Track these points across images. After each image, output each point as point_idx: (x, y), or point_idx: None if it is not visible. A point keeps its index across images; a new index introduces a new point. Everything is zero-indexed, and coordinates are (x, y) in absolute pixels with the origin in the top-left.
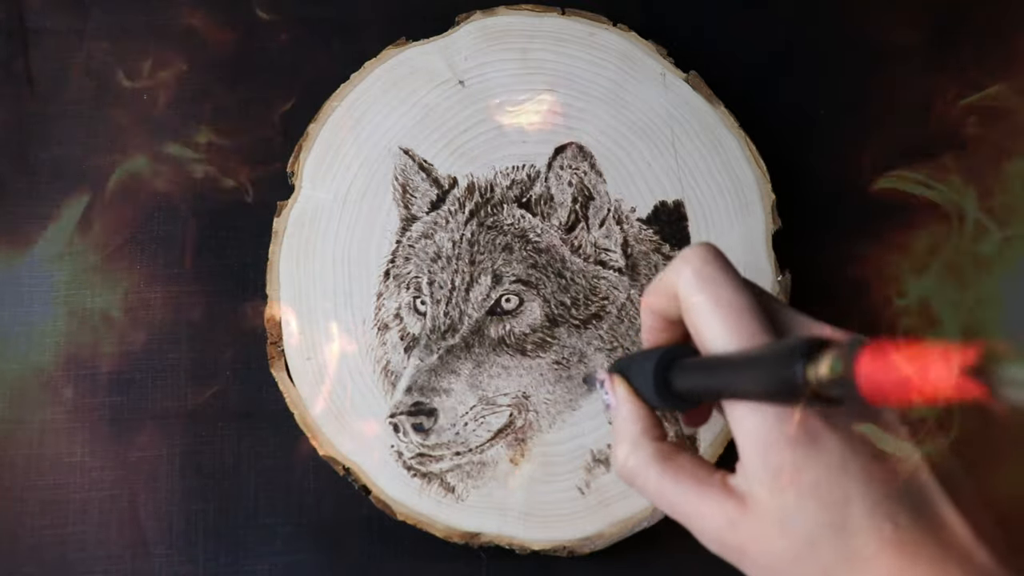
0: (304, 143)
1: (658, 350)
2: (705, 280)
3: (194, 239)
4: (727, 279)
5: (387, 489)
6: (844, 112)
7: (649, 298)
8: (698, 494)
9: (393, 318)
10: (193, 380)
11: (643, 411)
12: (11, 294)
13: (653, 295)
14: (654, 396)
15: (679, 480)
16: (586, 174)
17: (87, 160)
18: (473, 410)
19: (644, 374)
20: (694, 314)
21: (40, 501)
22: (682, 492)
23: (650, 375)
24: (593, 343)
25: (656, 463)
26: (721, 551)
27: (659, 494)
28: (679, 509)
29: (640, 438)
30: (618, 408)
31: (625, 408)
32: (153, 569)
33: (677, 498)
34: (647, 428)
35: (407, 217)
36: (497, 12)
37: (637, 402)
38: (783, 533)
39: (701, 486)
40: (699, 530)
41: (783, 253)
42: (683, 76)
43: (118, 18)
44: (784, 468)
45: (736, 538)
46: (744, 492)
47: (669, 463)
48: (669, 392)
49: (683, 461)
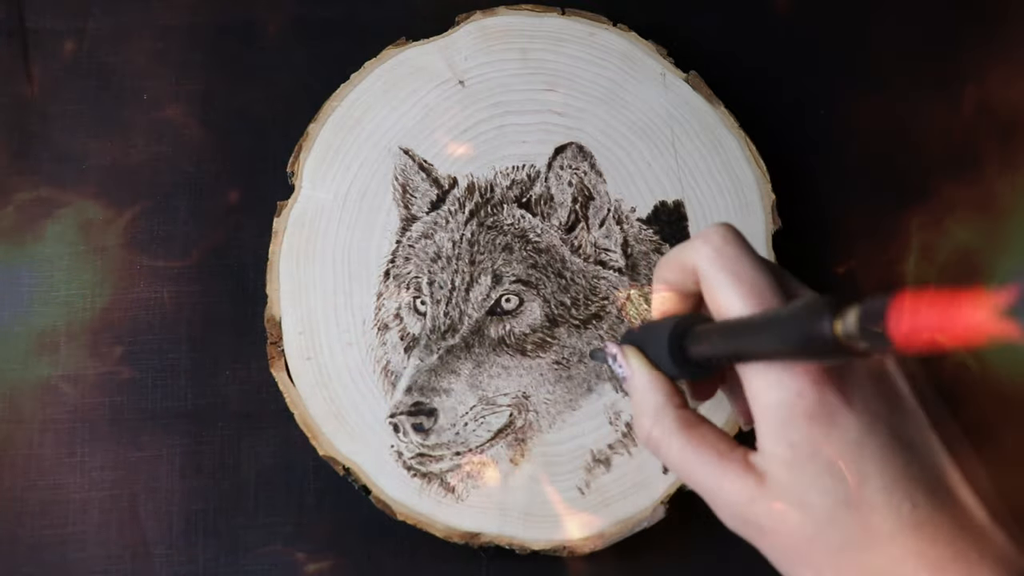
0: (304, 143)
1: (672, 318)
2: (726, 258)
3: (194, 239)
4: (748, 258)
5: (387, 489)
6: (844, 112)
7: (663, 270)
8: (720, 467)
9: (393, 318)
10: (193, 380)
11: (662, 380)
12: (11, 294)
13: (668, 269)
14: (669, 364)
15: (702, 451)
16: (586, 174)
17: (87, 160)
18: (473, 410)
19: (658, 342)
20: (714, 291)
21: (40, 501)
22: (704, 464)
23: (664, 343)
24: (593, 343)
25: (680, 432)
26: (738, 527)
27: (682, 464)
28: (700, 481)
29: (663, 407)
30: (634, 379)
31: (642, 378)
32: (153, 569)
33: (699, 469)
34: (669, 396)
35: (407, 217)
36: (497, 12)
37: (654, 371)
38: (800, 510)
39: (723, 460)
40: (718, 504)
41: (783, 253)
42: (683, 76)
43: (118, 18)
44: (802, 445)
45: (754, 514)
46: (764, 469)
47: (694, 432)
48: (685, 359)
49: (706, 431)
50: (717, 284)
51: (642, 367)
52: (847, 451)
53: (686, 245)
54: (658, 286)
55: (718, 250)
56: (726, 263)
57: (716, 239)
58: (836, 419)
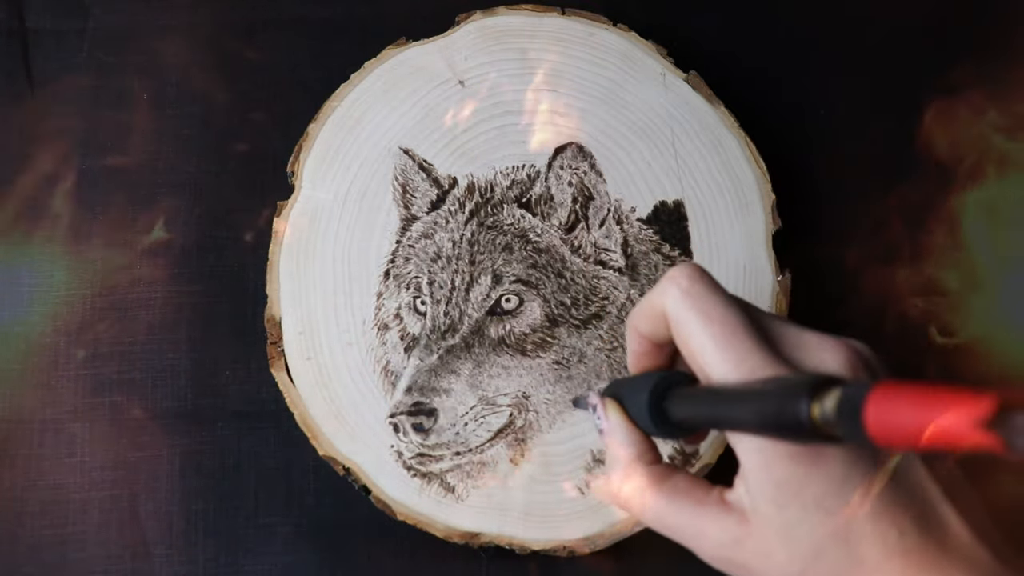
0: (304, 143)
1: (651, 377)
2: (694, 298)
3: (194, 239)
4: (715, 296)
5: (387, 489)
6: (844, 112)
7: (635, 320)
8: (697, 514)
9: (393, 318)
10: (193, 380)
11: (636, 436)
12: (11, 294)
13: (640, 318)
14: (650, 425)
15: (675, 502)
16: (586, 174)
17: (87, 160)
18: (473, 410)
19: (638, 401)
20: (685, 333)
21: (40, 501)
22: (680, 514)
23: (644, 403)
24: (593, 343)
25: (651, 488)
26: (725, 568)
27: (657, 518)
28: (679, 531)
29: (633, 464)
30: (611, 434)
31: (618, 434)
32: (153, 569)
33: (676, 520)
34: (640, 453)
35: (407, 217)
36: (497, 12)
37: (630, 427)
38: (788, 546)
39: (699, 506)
40: (701, 549)
41: (783, 253)
42: (683, 76)
43: (118, 18)
44: (788, 482)
45: (740, 555)
46: (745, 507)
47: (663, 486)
48: (665, 422)
49: (678, 481)
50: (687, 326)
51: (619, 422)
52: (833, 486)
53: (654, 290)
54: (631, 338)
55: (685, 291)
56: (694, 303)
57: (683, 280)
58: (820, 455)
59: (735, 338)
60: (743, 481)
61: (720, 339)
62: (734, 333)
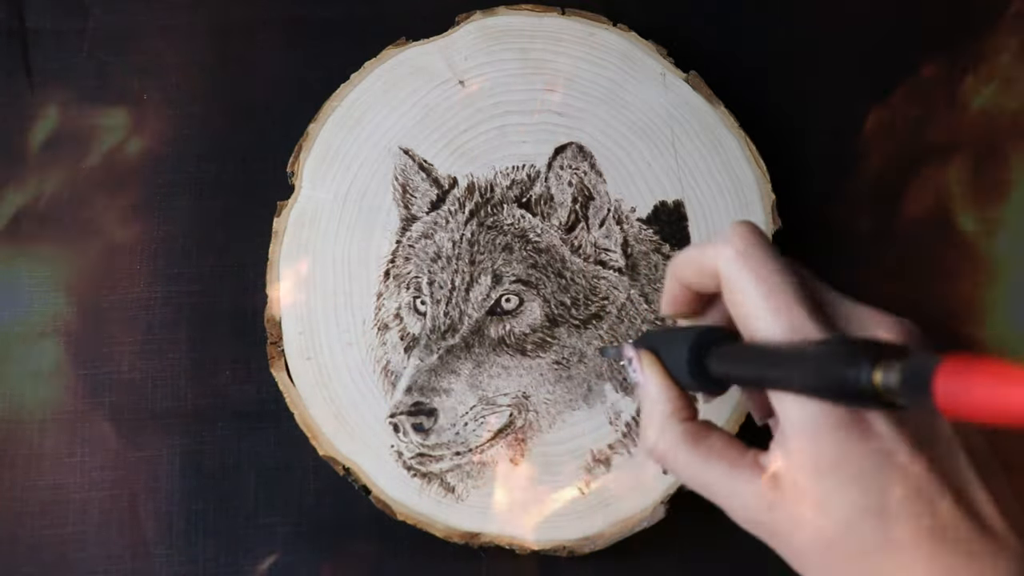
0: (304, 143)
1: (691, 331)
2: (750, 259)
3: (194, 239)
4: (771, 260)
5: (387, 489)
6: (844, 112)
7: (679, 270)
8: (731, 475)
9: (393, 318)
10: (193, 380)
11: (673, 391)
12: (11, 294)
13: (686, 268)
14: (687, 377)
15: (710, 461)
16: (586, 174)
17: (87, 160)
18: (473, 410)
19: (677, 353)
20: (737, 295)
21: (40, 501)
22: (714, 473)
23: (684, 356)
24: (593, 343)
25: (686, 444)
26: (753, 530)
27: (690, 476)
28: (711, 490)
29: (669, 419)
30: (646, 387)
31: (654, 387)
32: (153, 569)
33: (709, 479)
34: (677, 408)
35: (407, 217)
36: (497, 12)
37: (667, 381)
38: (821, 516)
39: (733, 467)
40: (732, 509)
41: (783, 253)
42: (683, 76)
43: (118, 18)
44: (828, 455)
45: (770, 519)
46: (780, 473)
47: (700, 444)
48: (704, 375)
49: (714, 441)
50: (740, 288)
51: (656, 376)
52: (873, 462)
53: (706, 245)
54: (672, 284)
55: (741, 252)
56: (750, 265)
57: (738, 241)
58: (865, 430)
59: (789, 305)
60: (781, 447)
61: (774, 305)
62: (789, 300)
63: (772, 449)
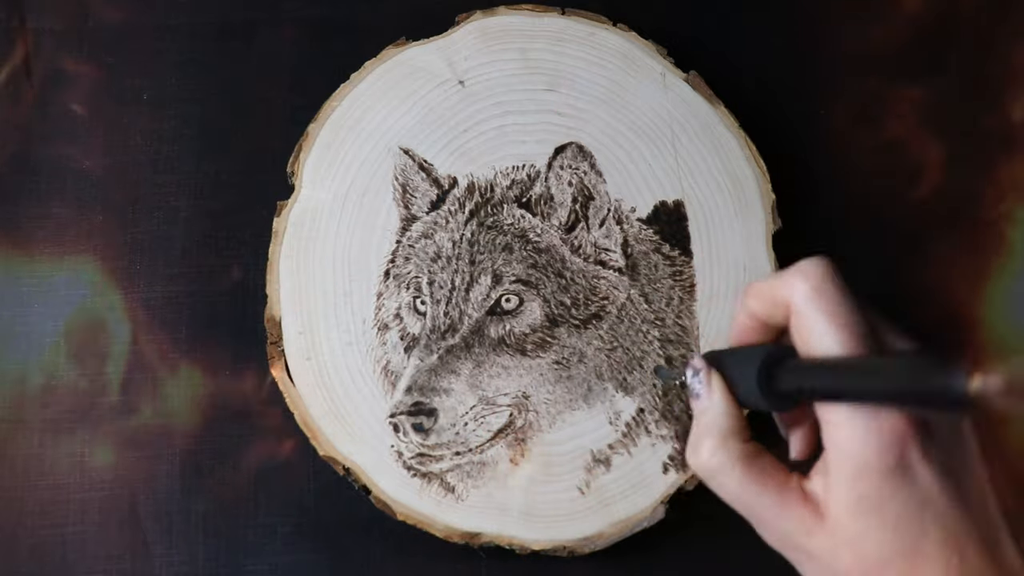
0: (304, 143)
1: (763, 347)
2: (824, 298)
3: (194, 239)
4: (845, 300)
5: (387, 489)
6: (843, 112)
7: (751, 301)
8: (778, 501)
9: (393, 318)
10: (193, 380)
11: (736, 409)
12: (11, 294)
13: (757, 299)
14: (754, 390)
15: (761, 483)
16: (586, 174)
17: (87, 160)
18: (473, 410)
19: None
20: (809, 332)
21: (40, 501)
22: (763, 495)
23: (753, 370)
24: (593, 343)
25: (740, 464)
26: (785, 550)
27: (738, 495)
28: (755, 512)
29: (729, 436)
30: (710, 399)
31: (718, 402)
32: (153, 569)
33: (756, 501)
34: (738, 428)
35: (407, 217)
36: (497, 12)
37: (731, 399)
38: (855, 553)
39: (782, 491)
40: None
41: (783, 253)
42: (683, 76)
43: (118, 18)
44: (871, 498)
45: (807, 545)
46: (822, 502)
47: (754, 466)
48: (774, 392)
49: (765, 463)
50: (814, 325)
51: (720, 392)
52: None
53: (780, 278)
54: (741, 315)
55: (817, 289)
56: (824, 303)
57: (815, 277)
58: (910, 478)
59: (861, 347)
60: (824, 477)
61: (847, 346)
62: (860, 342)
63: (814, 477)
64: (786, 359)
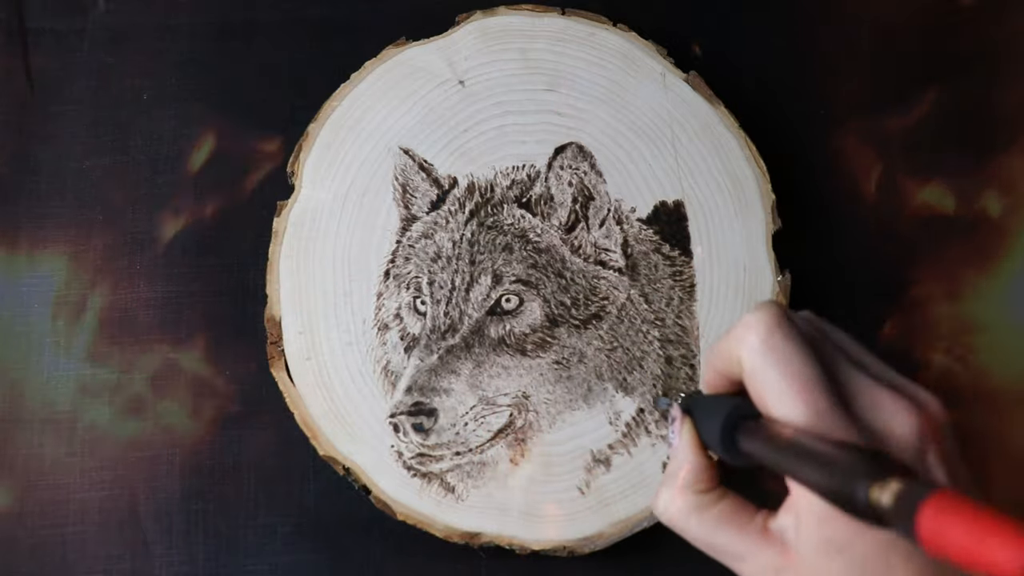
0: (304, 143)
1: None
2: (772, 350)
3: (195, 239)
4: (795, 349)
5: (387, 489)
6: (844, 111)
7: (712, 359)
8: (740, 540)
9: (393, 318)
10: (193, 380)
11: (698, 461)
12: (11, 294)
13: (717, 358)
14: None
15: (719, 528)
16: (586, 174)
17: (87, 160)
18: (473, 410)
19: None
20: (760, 385)
21: (40, 501)
22: (723, 538)
23: (718, 428)
24: (593, 343)
25: (695, 513)
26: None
27: (700, 540)
28: (721, 556)
29: (687, 487)
30: (676, 451)
31: (683, 454)
32: (153, 569)
33: (719, 545)
34: (695, 480)
35: (407, 217)
36: (497, 12)
37: (695, 450)
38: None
39: (742, 532)
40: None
41: (783, 253)
42: (683, 76)
43: (118, 18)
44: (836, 540)
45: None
46: (789, 541)
47: (708, 513)
48: (735, 449)
49: (723, 508)
50: (764, 379)
51: (687, 443)
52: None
53: (731, 334)
54: (707, 371)
55: (764, 342)
56: (772, 357)
57: (761, 329)
58: None
59: (812, 396)
60: (791, 516)
61: (797, 397)
62: (811, 391)
63: (781, 515)
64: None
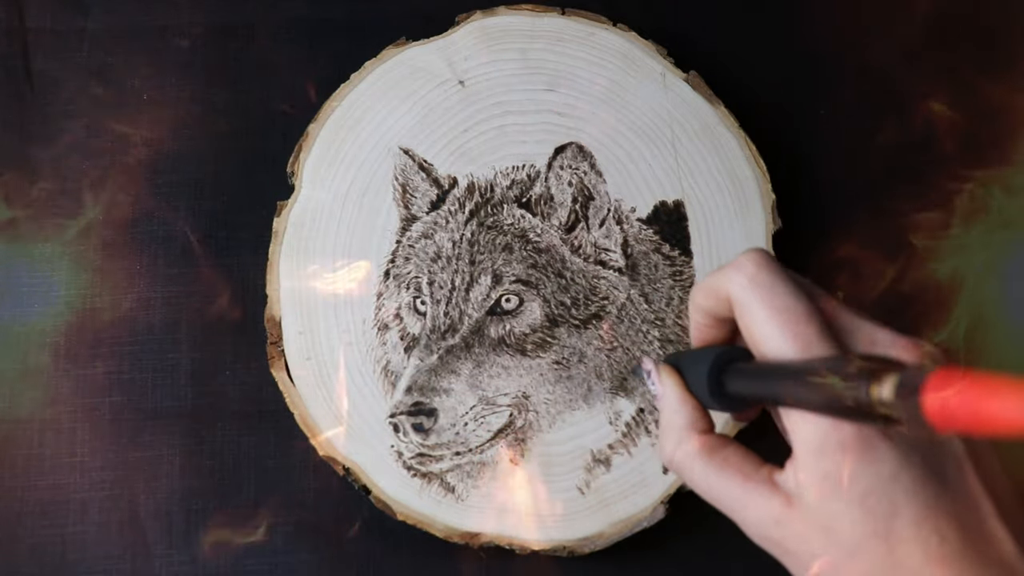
0: (304, 143)
1: (712, 350)
2: (760, 286)
3: (194, 239)
4: (782, 284)
5: (387, 489)
6: (844, 112)
7: (698, 297)
8: (744, 489)
9: (393, 318)
10: (193, 380)
11: (690, 403)
12: (11, 294)
13: (702, 296)
14: (707, 397)
15: (724, 474)
16: (586, 174)
17: (87, 160)
18: (473, 410)
19: (697, 372)
20: (749, 320)
21: (40, 501)
22: (728, 486)
23: (704, 375)
24: (593, 343)
25: (701, 456)
26: (764, 544)
27: (705, 487)
28: (724, 502)
29: (686, 430)
30: (664, 398)
31: (672, 399)
32: (153, 569)
33: (723, 491)
34: (694, 420)
35: (407, 217)
36: (497, 12)
37: (684, 393)
38: (827, 537)
39: (747, 481)
40: (743, 522)
41: (783, 253)
42: (683, 76)
43: (118, 18)
44: (835, 475)
45: (780, 534)
46: (791, 491)
47: (715, 456)
48: (723, 394)
49: (729, 454)
50: (752, 314)
51: (673, 388)
52: (880, 484)
53: (719, 272)
54: (693, 314)
55: (751, 278)
56: (760, 292)
57: (749, 267)
58: (872, 451)
59: (799, 328)
60: (793, 465)
61: (786, 329)
62: (799, 323)
63: (786, 468)
64: (735, 361)
